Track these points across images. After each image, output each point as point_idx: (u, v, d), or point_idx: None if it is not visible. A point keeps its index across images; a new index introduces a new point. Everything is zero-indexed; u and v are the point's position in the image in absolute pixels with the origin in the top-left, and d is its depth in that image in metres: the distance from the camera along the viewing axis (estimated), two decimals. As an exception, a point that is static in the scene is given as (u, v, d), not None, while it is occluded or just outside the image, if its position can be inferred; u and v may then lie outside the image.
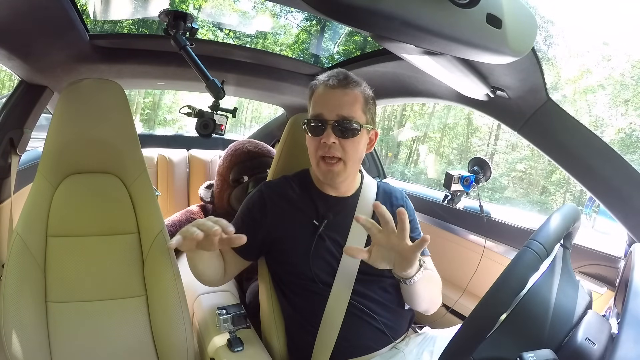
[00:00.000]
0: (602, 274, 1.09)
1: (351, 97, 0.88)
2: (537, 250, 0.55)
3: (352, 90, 0.88)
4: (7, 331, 0.82)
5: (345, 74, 0.90)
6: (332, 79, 0.89)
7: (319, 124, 0.87)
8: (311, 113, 0.90)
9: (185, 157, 2.06)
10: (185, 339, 0.94)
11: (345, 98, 0.87)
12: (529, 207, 6.16)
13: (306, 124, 0.90)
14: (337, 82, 0.88)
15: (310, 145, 0.90)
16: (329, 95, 0.88)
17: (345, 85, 0.88)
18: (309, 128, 0.89)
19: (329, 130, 0.86)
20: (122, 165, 1.01)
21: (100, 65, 1.23)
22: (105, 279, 0.96)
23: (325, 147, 0.86)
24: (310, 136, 0.90)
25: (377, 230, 0.74)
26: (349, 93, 0.88)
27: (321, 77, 0.92)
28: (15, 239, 0.89)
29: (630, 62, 5.87)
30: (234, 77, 1.41)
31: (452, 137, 7.96)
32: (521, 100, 0.97)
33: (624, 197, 0.88)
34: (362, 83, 0.91)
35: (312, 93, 0.92)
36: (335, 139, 0.86)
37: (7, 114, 1.19)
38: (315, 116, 0.88)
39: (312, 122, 0.89)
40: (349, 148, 0.87)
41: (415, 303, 0.90)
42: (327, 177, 0.90)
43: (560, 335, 0.58)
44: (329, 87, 0.88)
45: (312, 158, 0.91)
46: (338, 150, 0.87)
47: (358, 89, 0.89)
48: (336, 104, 0.87)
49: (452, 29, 0.56)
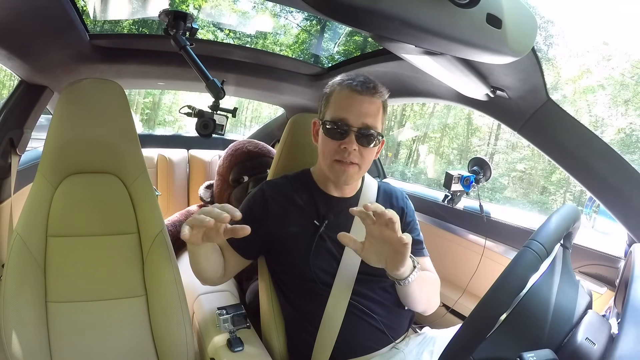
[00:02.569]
0: (602, 274, 1.08)
1: (376, 107, 0.86)
2: (537, 250, 0.55)
3: (378, 99, 0.86)
4: (7, 331, 0.82)
5: (373, 82, 0.87)
6: (359, 84, 0.85)
7: (341, 129, 0.85)
8: (332, 115, 0.86)
9: (185, 157, 2.06)
10: (185, 339, 0.94)
11: (371, 107, 0.86)
12: (529, 207, 6.16)
13: (324, 125, 0.87)
14: (365, 89, 0.85)
15: (326, 147, 0.88)
16: (354, 100, 0.85)
17: (373, 94, 0.85)
18: (328, 130, 0.86)
19: (352, 137, 0.84)
20: (122, 165, 1.01)
21: (100, 65, 1.23)
22: (105, 279, 0.96)
23: (345, 152, 0.85)
24: (327, 138, 0.87)
25: (372, 221, 0.72)
26: (375, 102, 0.86)
27: (344, 77, 0.89)
28: (15, 239, 0.89)
29: (630, 62, 5.86)
30: (234, 77, 1.41)
31: (452, 137, 7.95)
32: (521, 100, 0.97)
33: (624, 197, 0.88)
34: (386, 93, 0.89)
35: (332, 93, 0.89)
36: (357, 146, 0.85)
37: (7, 114, 1.19)
38: (338, 119, 0.85)
39: (333, 125, 0.86)
40: (367, 155, 0.87)
41: (411, 304, 0.90)
42: (340, 178, 0.88)
43: (560, 335, 0.58)
44: (356, 91, 0.85)
45: (324, 159, 0.89)
46: (356, 156, 0.86)
47: (382, 99, 0.87)
48: (362, 111, 0.84)
49: (452, 29, 0.56)
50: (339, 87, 0.88)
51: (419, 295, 0.87)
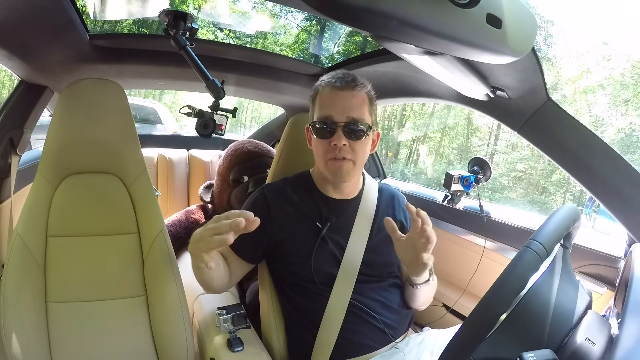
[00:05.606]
0: (602, 274, 1.08)
1: (359, 99, 0.87)
2: (537, 250, 0.55)
3: (359, 92, 0.87)
4: (7, 331, 0.82)
5: (352, 75, 0.88)
6: (338, 80, 0.87)
7: (328, 127, 0.86)
8: (318, 115, 0.88)
9: (185, 157, 2.06)
10: (185, 339, 0.94)
11: (354, 100, 0.86)
12: (529, 207, 6.16)
13: (313, 126, 0.88)
14: (345, 84, 0.86)
15: (318, 147, 0.89)
16: (337, 96, 0.86)
17: (354, 87, 0.87)
18: (317, 131, 0.87)
19: (340, 133, 0.85)
20: (122, 165, 1.01)
21: (100, 65, 1.23)
22: (105, 279, 0.96)
23: (336, 149, 0.85)
24: (317, 139, 0.88)
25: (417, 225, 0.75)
26: (357, 95, 0.87)
27: (325, 78, 0.90)
28: (15, 239, 0.89)
29: (630, 62, 5.87)
30: (233, 77, 1.41)
31: (452, 137, 7.96)
32: (521, 100, 0.97)
33: (624, 197, 0.88)
34: (368, 84, 0.90)
35: (316, 94, 0.90)
36: (346, 140, 0.85)
37: (7, 114, 1.19)
38: (324, 118, 0.86)
39: (321, 124, 0.87)
40: (359, 149, 0.87)
41: (412, 302, 0.96)
42: (337, 175, 0.88)
43: (560, 335, 0.58)
44: (336, 88, 0.86)
45: (319, 160, 0.90)
46: (348, 152, 0.86)
47: (365, 91, 0.88)
48: (345, 105, 0.85)
49: (452, 29, 0.56)
50: (321, 88, 0.89)
51: (422, 297, 0.94)
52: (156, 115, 6.29)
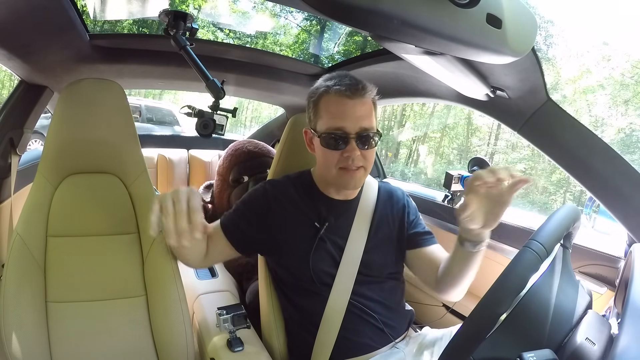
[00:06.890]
0: (602, 274, 1.08)
1: (368, 107, 0.85)
2: (537, 250, 0.55)
3: (367, 99, 0.84)
4: (7, 331, 0.82)
5: (356, 80, 0.84)
6: (346, 87, 0.82)
7: (340, 138, 0.83)
8: (327, 125, 0.83)
9: (185, 157, 2.06)
10: (185, 339, 0.94)
11: (364, 108, 0.83)
12: (528, 207, 6.16)
13: (321, 137, 0.84)
14: (354, 92, 0.82)
15: (328, 158, 0.85)
16: (346, 106, 0.82)
17: (363, 95, 0.83)
18: (327, 142, 0.84)
19: (353, 144, 0.82)
20: (122, 165, 1.01)
21: (100, 65, 1.23)
22: (105, 279, 0.95)
23: (349, 159, 0.83)
24: (326, 149, 0.84)
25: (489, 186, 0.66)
26: (366, 102, 0.84)
27: (328, 82, 0.85)
28: (15, 239, 0.89)
29: (630, 62, 5.88)
30: (233, 77, 1.41)
31: (452, 137, 7.96)
32: (521, 100, 0.97)
33: (624, 197, 0.88)
34: (373, 88, 0.87)
35: (319, 99, 0.86)
36: (358, 150, 0.83)
37: (7, 114, 1.19)
38: (336, 129, 0.82)
39: (332, 135, 0.83)
40: (369, 156, 0.86)
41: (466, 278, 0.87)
42: (349, 185, 0.88)
43: (560, 335, 0.58)
44: (345, 97, 0.82)
45: (327, 169, 0.87)
46: (360, 160, 0.84)
47: (371, 96, 0.86)
48: (357, 115, 0.82)
49: (452, 29, 0.56)
50: (326, 94, 0.84)
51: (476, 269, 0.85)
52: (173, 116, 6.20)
